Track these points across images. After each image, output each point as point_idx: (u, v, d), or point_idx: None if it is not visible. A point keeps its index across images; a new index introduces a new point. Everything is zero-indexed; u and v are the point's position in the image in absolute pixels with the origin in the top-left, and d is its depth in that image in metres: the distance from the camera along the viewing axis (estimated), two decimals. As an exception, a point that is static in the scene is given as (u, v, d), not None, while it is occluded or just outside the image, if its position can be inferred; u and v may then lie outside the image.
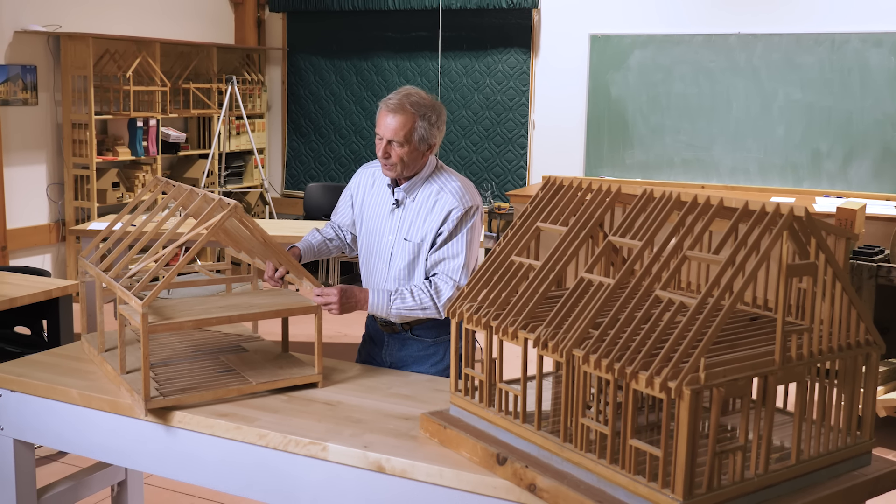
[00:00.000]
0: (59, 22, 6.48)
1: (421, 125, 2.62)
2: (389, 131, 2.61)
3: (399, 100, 2.62)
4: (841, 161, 6.66)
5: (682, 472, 1.55)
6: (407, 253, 2.70)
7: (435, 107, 2.66)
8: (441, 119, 2.68)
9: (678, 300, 1.62)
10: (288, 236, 4.85)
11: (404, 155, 2.63)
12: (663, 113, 7.12)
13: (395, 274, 2.72)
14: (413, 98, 2.63)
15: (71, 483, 2.79)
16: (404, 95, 2.64)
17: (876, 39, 6.44)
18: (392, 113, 2.61)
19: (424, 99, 2.66)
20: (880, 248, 4.32)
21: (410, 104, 2.61)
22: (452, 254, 2.65)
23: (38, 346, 3.77)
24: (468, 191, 2.70)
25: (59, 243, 6.74)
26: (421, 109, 2.62)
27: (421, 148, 2.65)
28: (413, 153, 2.64)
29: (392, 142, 2.62)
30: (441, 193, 2.67)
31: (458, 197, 2.66)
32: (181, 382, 2.35)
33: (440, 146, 7.94)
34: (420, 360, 2.75)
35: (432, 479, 1.93)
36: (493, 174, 7.80)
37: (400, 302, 2.60)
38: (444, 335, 2.77)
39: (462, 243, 2.65)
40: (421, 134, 2.62)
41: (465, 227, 2.65)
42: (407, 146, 2.62)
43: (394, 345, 2.81)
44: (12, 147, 6.25)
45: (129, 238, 2.63)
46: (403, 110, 2.60)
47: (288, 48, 8.45)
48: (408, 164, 2.66)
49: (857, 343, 1.79)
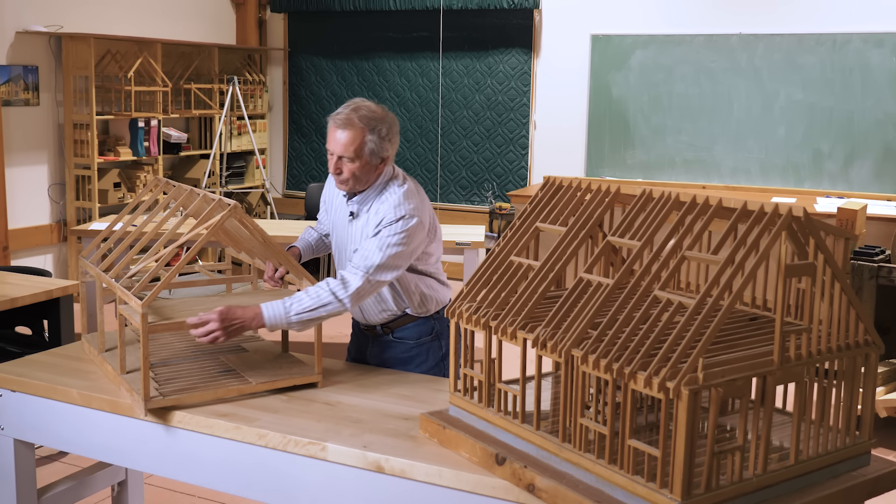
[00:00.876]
0: (60, 22, 6.48)
1: (371, 139, 2.53)
2: (339, 147, 2.53)
3: (347, 114, 2.54)
4: (842, 161, 6.66)
5: (681, 473, 1.55)
6: None
7: (385, 119, 2.58)
8: (392, 131, 2.59)
9: (677, 300, 1.62)
10: (289, 236, 4.85)
11: (356, 170, 2.55)
12: (664, 113, 7.12)
13: None
14: (362, 112, 2.55)
15: (71, 483, 2.79)
16: (353, 109, 2.56)
17: (877, 40, 6.43)
18: (340, 128, 2.53)
19: (374, 112, 2.57)
20: (881, 248, 4.32)
21: (359, 118, 2.53)
22: (370, 250, 2.50)
23: (39, 346, 3.77)
24: (409, 198, 2.56)
25: (61, 243, 6.75)
26: (370, 123, 2.54)
27: (373, 162, 2.56)
28: (365, 167, 2.56)
29: (343, 157, 2.54)
30: (383, 204, 2.57)
31: (394, 206, 2.54)
32: (181, 382, 2.35)
33: (443, 147, 7.94)
34: (403, 362, 2.74)
35: (431, 479, 1.93)
36: (495, 174, 7.80)
37: (298, 305, 2.40)
38: (425, 336, 2.77)
39: (383, 243, 2.49)
40: (371, 148, 2.54)
41: (392, 231, 2.50)
42: (358, 161, 2.54)
43: (376, 347, 2.80)
44: (14, 147, 6.26)
45: (129, 238, 2.63)
46: (352, 125, 2.52)
47: (289, 48, 8.45)
48: (360, 179, 2.58)
49: (856, 343, 1.78)
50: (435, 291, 2.74)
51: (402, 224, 2.51)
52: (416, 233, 2.55)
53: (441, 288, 2.78)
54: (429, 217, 2.64)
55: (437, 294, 2.75)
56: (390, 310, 2.72)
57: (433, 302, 2.74)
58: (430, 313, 2.75)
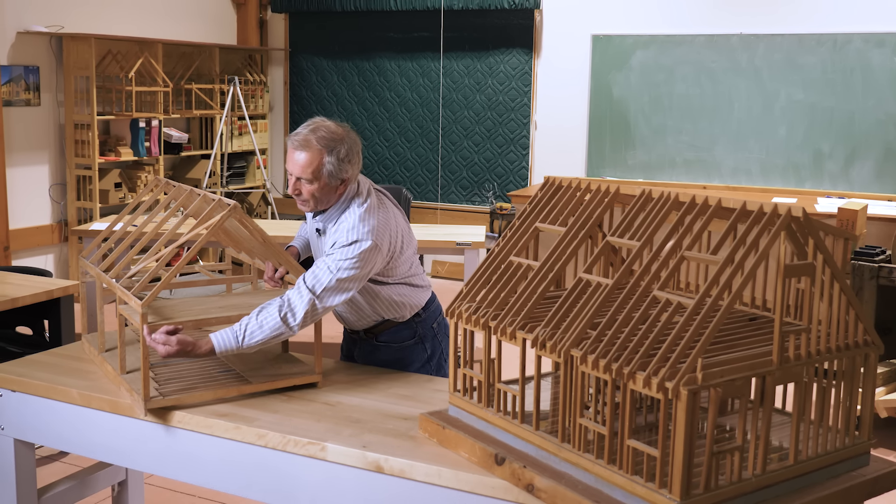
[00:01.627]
0: (61, 22, 6.49)
1: (329, 160, 2.48)
2: (297, 168, 2.49)
3: (306, 135, 2.49)
4: (843, 162, 6.65)
5: (680, 473, 1.56)
6: None
7: (345, 139, 2.52)
8: (353, 151, 2.53)
9: (676, 300, 1.62)
10: (290, 237, 4.85)
11: (315, 191, 2.51)
12: (665, 113, 7.12)
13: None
14: (320, 132, 2.50)
15: (71, 483, 2.79)
16: (311, 130, 2.51)
17: (878, 40, 6.43)
18: (298, 149, 2.49)
19: (333, 132, 2.51)
20: (882, 248, 4.32)
21: (317, 139, 2.48)
22: (321, 271, 2.44)
23: (40, 346, 3.77)
24: (364, 221, 2.50)
25: (62, 244, 6.75)
26: (329, 144, 2.48)
27: (332, 183, 2.51)
28: (324, 189, 2.51)
29: (301, 178, 2.50)
30: (342, 224, 2.53)
31: (348, 229, 2.49)
32: (181, 382, 2.35)
33: (443, 147, 7.93)
34: (390, 364, 2.74)
35: (431, 479, 1.93)
36: (495, 174, 7.80)
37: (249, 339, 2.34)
38: (409, 340, 2.76)
39: (334, 266, 2.43)
40: (329, 169, 2.49)
41: (344, 254, 2.45)
42: (317, 183, 2.50)
43: (364, 349, 2.80)
44: (15, 147, 6.26)
45: (129, 238, 2.63)
46: (309, 146, 2.48)
47: (290, 49, 8.46)
48: (320, 200, 2.54)
49: (856, 343, 1.78)
50: (407, 297, 2.70)
51: (355, 248, 2.45)
52: (370, 257, 2.48)
53: (414, 292, 2.73)
54: (390, 233, 2.57)
55: (410, 299, 2.72)
56: (369, 317, 2.72)
57: (407, 308, 2.72)
58: (406, 318, 2.74)
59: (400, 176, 8.07)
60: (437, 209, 7.95)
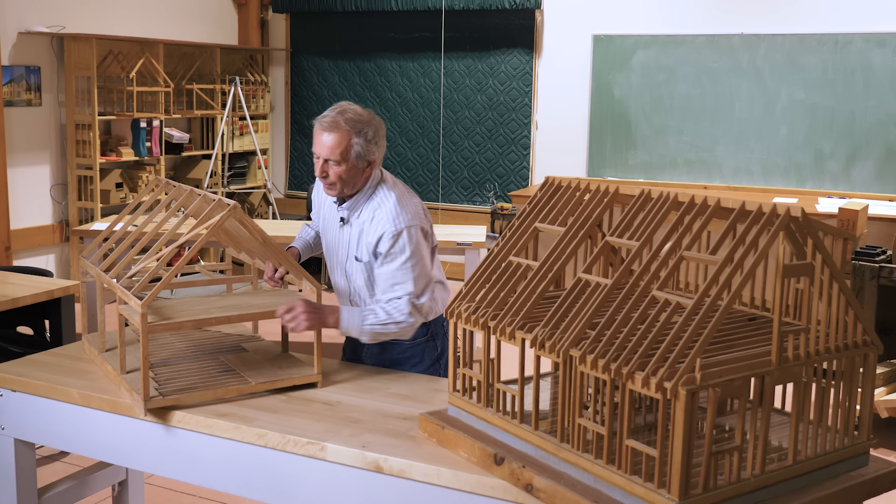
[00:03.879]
0: (62, 23, 6.50)
1: (357, 142, 2.53)
2: (325, 150, 2.53)
3: (333, 117, 2.54)
4: (844, 162, 6.65)
5: (679, 473, 1.56)
6: (362, 271, 2.65)
7: (372, 122, 2.57)
8: (379, 134, 2.59)
9: (675, 300, 1.63)
10: (291, 237, 4.84)
11: (342, 173, 2.55)
12: (666, 113, 7.12)
13: (356, 289, 2.70)
14: (348, 114, 2.55)
15: (72, 483, 2.79)
16: (339, 112, 2.55)
17: (879, 40, 6.43)
18: (326, 131, 2.53)
19: (360, 115, 2.56)
20: (882, 248, 4.32)
21: (345, 121, 2.53)
22: (399, 279, 2.54)
23: (41, 346, 3.77)
24: (404, 208, 2.57)
25: (63, 244, 6.76)
26: (356, 126, 2.54)
27: (359, 165, 2.56)
28: (351, 171, 2.56)
29: (329, 160, 2.54)
30: (378, 211, 2.58)
31: (392, 218, 2.55)
32: (181, 382, 2.35)
33: (444, 147, 7.93)
34: (399, 362, 2.74)
35: (430, 479, 1.93)
36: (496, 174, 7.80)
37: (373, 318, 2.51)
38: (420, 338, 2.77)
39: (406, 268, 2.53)
40: (357, 151, 2.54)
41: (403, 252, 2.54)
42: (344, 164, 2.54)
43: (373, 348, 2.80)
44: (16, 147, 6.27)
45: (129, 238, 2.63)
46: (338, 128, 2.53)
47: (291, 49, 8.46)
48: (347, 182, 2.58)
49: (855, 344, 1.78)
50: (439, 299, 2.75)
51: (407, 235, 2.54)
52: (421, 238, 2.58)
53: (444, 293, 2.78)
54: (424, 214, 2.66)
55: (444, 300, 2.76)
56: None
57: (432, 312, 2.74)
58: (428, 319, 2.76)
59: (401, 176, 8.07)
60: (437, 209, 7.95)
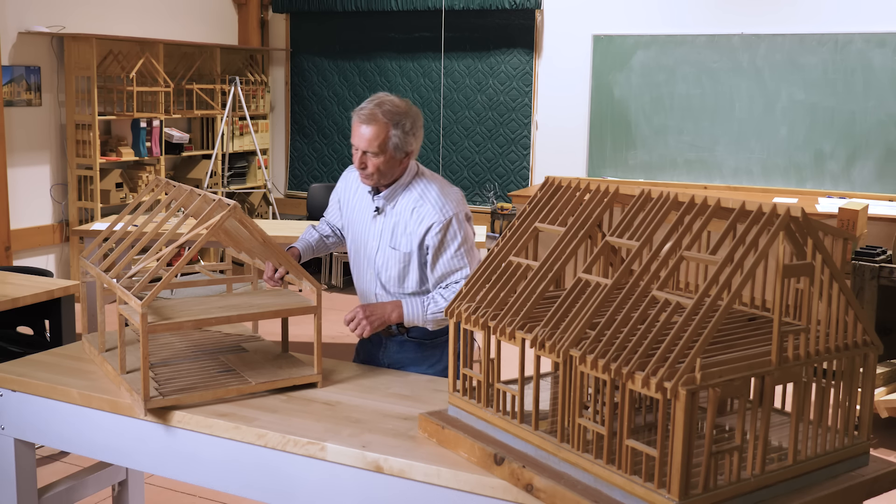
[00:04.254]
0: (62, 23, 6.50)
1: (395, 133, 2.57)
2: (364, 142, 2.57)
3: (371, 109, 2.57)
4: (844, 162, 6.65)
5: (679, 473, 1.55)
6: (397, 261, 2.67)
7: (409, 113, 2.61)
8: (416, 125, 2.63)
9: (675, 300, 1.62)
10: (291, 237, 4.85)
11: (380, 164, 2.59)
12: (666, 113, 7.12)
13: (385, 280, 2.71)
14: (385, 106, 2.58)
15: (72, 483, 2.79)
16: (376, 104, 2.58)
17: (879, 40, 6.43)
18: (365, 123, 2.57)
19: (397, 106, 2.60)
20: (882, 248, 4.32)
21: (383, 113, 2.56)
22: (455, 266, 2.63)
23: (41, 346, 3.77)
24: (448, 198, 2.64)
25: (63, 244, 6.76)
26: (394, 118, 2.57)
27: (397, 156, 2.60)
28: (389, 162, 2.60)
29: (367, 152, 2.58)
30: (420, 202, 2.63)
31: (438, 208, 2.61)
32: (181, 382, 2.35)
33: (444, 147, 7.93)
34: (417, 361, 2.75)
35: (430, 479, 1.93)
36: (496, 175, 7.80)
37: (434, 306, 2.61)
38: (441, 337, 2.77)
39: (461, 254, 2.62)
40: (395, 142, 2.57)
41: (455, 240, 2.61)
42: (382, 156, 2.58)
43: (391, 347, 2.81)
44: (16, 147, 6.27)
45: (129, 238, 2.63)
46: (376, 120, 2.56)
47: (291, 49, 8.46)
48: (385, 173, 2.62)
49: (855, 343, 1.78)
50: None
51: (456, 222, 2.62)
52: (467, 223, 2.67)
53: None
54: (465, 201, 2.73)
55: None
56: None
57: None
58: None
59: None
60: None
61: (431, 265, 2.64)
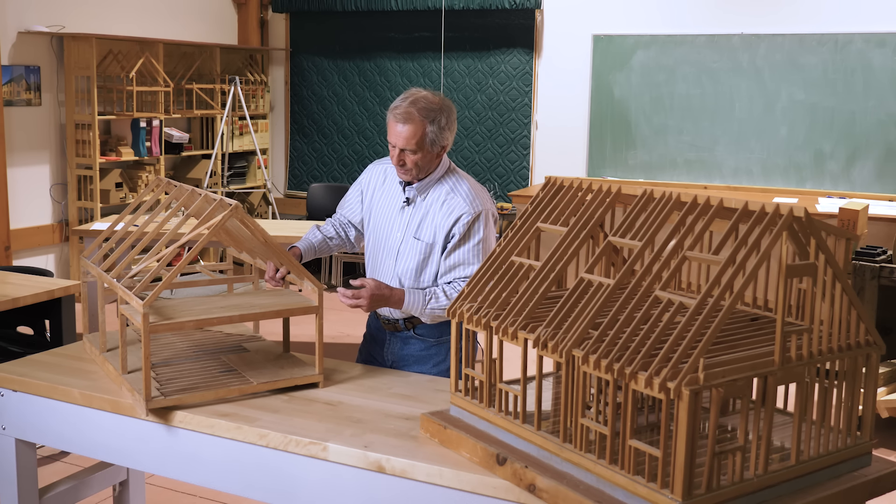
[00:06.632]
0: (62, 22, 6.49)
1: (431, 130, 2.63)
2: (401, 140, 2.63)
3: (406, 108, 2.63)
4: (844, 162, 6.65)
5: (682, 473, 1.55)
6: (417, 252, 2.71)
7: (443, 108, 2.67)
8: (450, 119, 2.69)
9: (678, 300, 1.62)
10: (291, 236, 4.85)
11: (418, 160, 2.66)
12: (666, 113, 7.12)
13: (403, 272, 2.73)
14: (420, 104, 2.63)
15: (73, 483, 2.79)
16: (411, 102, 2.64)
17: (879, 40, 6.43)
18: (401, 122, 2.62)
19: (432, 102, 2.65)
20: (883, 248, 4.32)
21: (418, 111, 2.62)
22: (468, 260, 2.66)
23: (41, 346, 3.77)
24: (478, 195, 2.71)
25: (63, 243, 6.76)
26: (430, 115, 2.63)
27: (434, 150, 2.68)
28: (426, 157, 2.67)
29: (405, 150, 2.64)
30: (451, 195, 2.69)
31: (469, 201, 2.67)
32: (182, 382, 2.35)
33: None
34: (422, 359, 2.75)
35: (432, 480, 1.93)
36: (496, 174, 7.80)
37: (434, 302, 2.63)
38: (446, 335, 2.77)
39: (477, 250, 2.66)
40: (432, 138, 2.64)
41: (478, 234, 2.66)
42: (420, 152, 2.65)
43: (395, 343, 2.81)
44: (16, 147, 6.27)
45: (130, 238, 2.63)
46: (412, 119, 2.61)
47: (291, 49, 8.46)
48: (423, 168, 2.69)
49: (857, 344, 1.78)
50: None
51: (483, 218, 2.68)
52: (493, 224, 2.72)
53: None
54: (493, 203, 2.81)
55: None
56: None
57: None
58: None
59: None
60: (437, 209, 7.94)
61: (448, 253, 2.67)
